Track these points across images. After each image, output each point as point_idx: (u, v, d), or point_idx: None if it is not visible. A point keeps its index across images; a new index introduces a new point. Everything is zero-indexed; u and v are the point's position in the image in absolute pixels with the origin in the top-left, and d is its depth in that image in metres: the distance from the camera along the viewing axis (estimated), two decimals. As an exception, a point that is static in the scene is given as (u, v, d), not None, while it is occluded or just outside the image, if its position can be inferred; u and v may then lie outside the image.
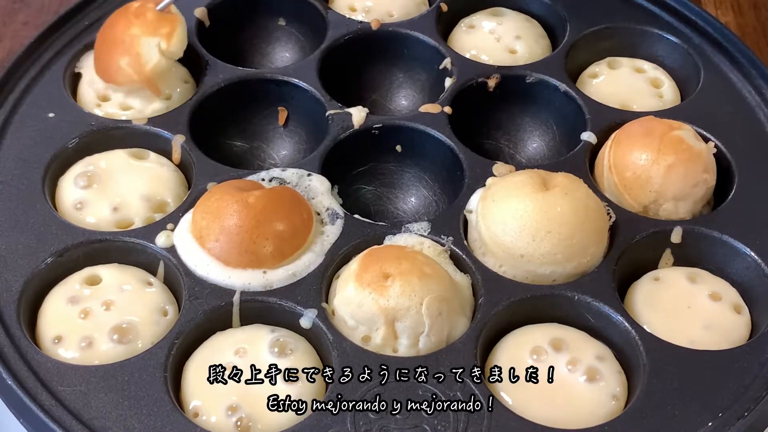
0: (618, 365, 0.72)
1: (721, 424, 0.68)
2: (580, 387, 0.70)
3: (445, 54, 0.94)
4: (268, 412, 0.68)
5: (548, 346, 0.72)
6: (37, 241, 0.77)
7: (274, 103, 0.93)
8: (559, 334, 0.73)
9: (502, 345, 0.73)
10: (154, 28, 0.87)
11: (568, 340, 0.72)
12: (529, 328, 0.74)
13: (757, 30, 1.18)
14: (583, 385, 0.70)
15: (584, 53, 0.95)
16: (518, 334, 0.73)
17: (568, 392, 0.70)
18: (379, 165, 0.90)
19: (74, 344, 0.71)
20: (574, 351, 0.71)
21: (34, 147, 0.84)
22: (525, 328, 0.74)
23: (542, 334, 0.73)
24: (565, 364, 0.71)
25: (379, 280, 0.72)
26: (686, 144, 0.82)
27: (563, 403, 0.69)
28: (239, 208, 0.75)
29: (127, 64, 0.86)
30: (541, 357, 0.71)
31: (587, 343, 0.73)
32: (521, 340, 0.73)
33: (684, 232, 0.79)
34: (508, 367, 0.70)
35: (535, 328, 0.74)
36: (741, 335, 0.75)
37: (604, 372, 0.70)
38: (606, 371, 0.71)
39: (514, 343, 0.73)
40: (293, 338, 0.72)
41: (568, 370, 0.71)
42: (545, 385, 0.70)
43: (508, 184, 0.78)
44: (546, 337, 0.72)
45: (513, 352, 0.72)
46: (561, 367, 0.71)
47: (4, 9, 1.17)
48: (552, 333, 0.73)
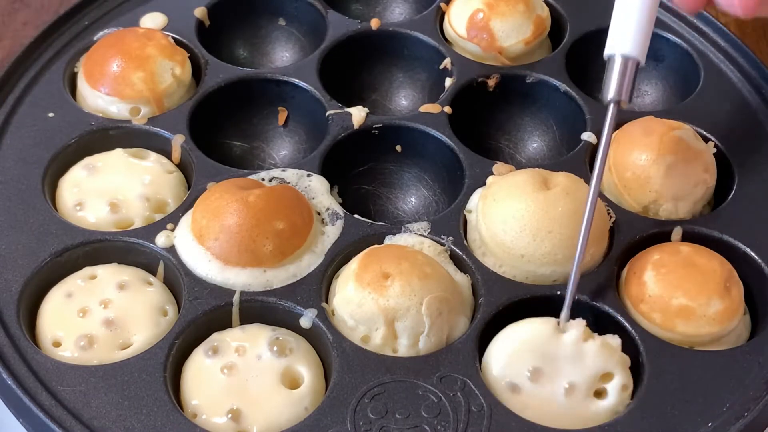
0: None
1: (721, 424, 0.68)
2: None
3: (445, 54, 0.94)
4: (268, 413, 0.68)
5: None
6: (37, 241, 0.77)
7: (274, 103, 0.93)
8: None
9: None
10: (170, 53, 0.89)
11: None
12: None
13: (757, 30, 1.18)
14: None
15: (584, 53, 0.95)
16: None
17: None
18: (379, 165, 0.90)
19: (74, 344, 0.71)
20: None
21: (34, 147, 0.84)
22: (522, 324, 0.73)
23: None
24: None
25: (378, 279, 0.72)
26: (686, 144, 0.82)
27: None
28: (239, 207, 0.75)
29: (141, 80, 0.87)
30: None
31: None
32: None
33: (684, 232, 0.79)
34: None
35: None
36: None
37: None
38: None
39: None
40: (293, 338, 0.72)
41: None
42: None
43: (509, 183, 0.78)
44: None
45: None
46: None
47: (4, 9, 1.17)
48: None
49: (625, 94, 0.72)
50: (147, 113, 0.88)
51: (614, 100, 0.72)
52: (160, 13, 0.96)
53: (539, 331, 0.70)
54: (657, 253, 0.76)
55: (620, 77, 0.72)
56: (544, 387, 0.69)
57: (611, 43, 0.73)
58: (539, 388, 0.69)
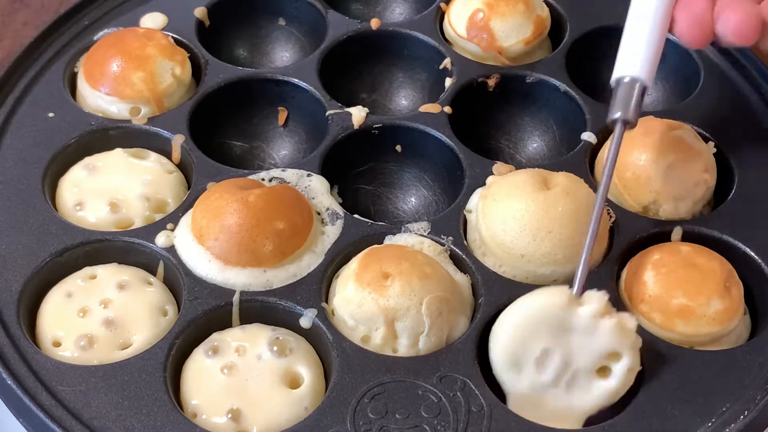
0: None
1: (721, 424, 0.68)
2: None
3: (445, 54, 0.94)
4: (268, 413, 0.68)
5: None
6: (37, 241, 0.77)
7: (274, 103, 0.93)
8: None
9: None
10: (170, 53, 0.89)
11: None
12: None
13: (757, 30, 1.18)
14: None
15: (584, 53, 0.95)
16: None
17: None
18: (378, 165, 0.90)
19: (74, 344, 0.71)
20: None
21: (34, 147, 0.84)
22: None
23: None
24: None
25: (378, 279, 0.72)
26: (686, 144, 0.82)
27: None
28: (239, 207, 0.75)
29: (141, 80, 0.86)
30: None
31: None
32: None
33: (684, 232, 0.79)
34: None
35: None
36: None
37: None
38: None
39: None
40: (293, 338, 0.72)
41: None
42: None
43: (509, 183, 0.78)
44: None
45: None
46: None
47: (4, 9, 1.17)
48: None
49: (632, 114, 0.72)
50: (147, 113, 0.88)
51: (621, 119, 0.72)
52: (160, 13, 0.96)
53: (552, 301, 0.68)
54: (657, 253, 0.76)
55: (627, 98, 0.73)
56: (549, 359, 0.68)
57: (621, 66, 0.74)
58: (543, 360, 0.68)
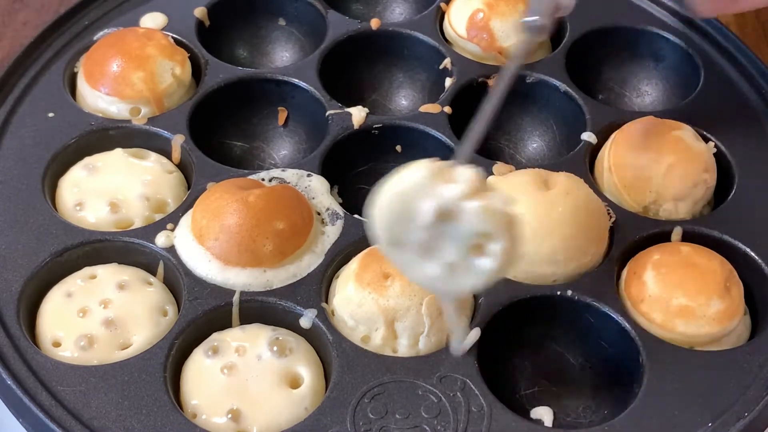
0: None
1: (721, 424, 0.68)
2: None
3: (445, 54, 0.94)
4: (268, 413, 0.68)
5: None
6: (37, 241, 0.77)
7: (274, 103, 0.93)
8: None
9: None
10: (170, 53, 0.89)
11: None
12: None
13: (757, 30, 1.18)
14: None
15: (584, 53, 0.95)
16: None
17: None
18: (379, 165, 0.90)
19: (73, 344, 0.71)
20: None
21: (34, 147, 0.84)
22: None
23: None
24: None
25: (378, 279, 0.72)
26: (686, 144, 0.82)
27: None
28: (239, 207, 0.75)
29: (141, 80, 0.86)
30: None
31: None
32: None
33: (684, 232, 0.79)
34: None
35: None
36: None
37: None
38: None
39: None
40: (293, 338, 0.72)
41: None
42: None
43: (509, 183, 0.78)
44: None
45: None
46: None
47: (4, 9, 1.17)
48: None
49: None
50: (147, 113, 0.88)
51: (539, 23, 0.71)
52: (160, 13, 0.96)
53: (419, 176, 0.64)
54: (657, 253, 0.76)
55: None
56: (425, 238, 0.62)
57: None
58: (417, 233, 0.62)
